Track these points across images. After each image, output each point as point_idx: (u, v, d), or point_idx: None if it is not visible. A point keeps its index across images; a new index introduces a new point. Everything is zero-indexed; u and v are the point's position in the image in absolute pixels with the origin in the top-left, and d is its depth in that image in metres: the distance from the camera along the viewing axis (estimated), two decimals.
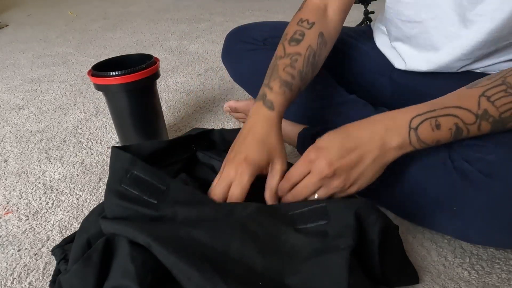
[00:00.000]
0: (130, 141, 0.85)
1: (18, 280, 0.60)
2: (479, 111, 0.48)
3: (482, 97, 0.48)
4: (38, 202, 0.78)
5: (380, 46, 0.82)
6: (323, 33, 0.67)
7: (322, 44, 0.66)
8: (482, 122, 0.48)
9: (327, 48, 0.69)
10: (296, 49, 0.64)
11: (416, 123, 0.49)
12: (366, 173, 0.51)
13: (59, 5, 3.10)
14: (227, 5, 2.72)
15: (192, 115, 1.12)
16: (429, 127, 0.49)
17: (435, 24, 0.66)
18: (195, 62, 1.58)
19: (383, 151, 0.50)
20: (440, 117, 0.49)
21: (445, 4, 0.63)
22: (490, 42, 0.62)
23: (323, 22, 0.68)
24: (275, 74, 0.62)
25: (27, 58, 1.79)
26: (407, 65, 0.75)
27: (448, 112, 0.49)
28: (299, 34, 0.65)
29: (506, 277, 0.55)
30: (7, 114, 1.21)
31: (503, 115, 0.48)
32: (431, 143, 0.50)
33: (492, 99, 0.48)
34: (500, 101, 0.48)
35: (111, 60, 0.85)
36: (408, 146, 0.50)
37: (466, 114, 0.48)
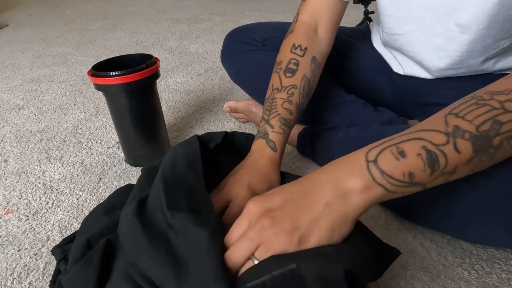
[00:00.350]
0: (130, 141, 0.85)
1: (18, 280, 0.60)
2: (448, 128, 0.40)
3: (448, 116, 0.41)
4: (38, 202, 0.78)
5: (378, 48, 0.82)
6: (315, 57, 0.69)
7: (315, 68, 0.69)
8: (458, 141, 0.39)
9: (321, 68, 0.71)
10: (292, 81, 0.66)
11: (373, 154, 0.41)
12: (321, 222, 0.40)
13: (59, 5, 3.10)
14: (227, 5, 2.72)
15: (192, 115, 1.12)
16: (391, 156, 0.40)
17: (418, 36, 0.68)
18: (195, 62, 1.58)
19: (340, 195, 0.40)
20: (401, 143, 0.40)
21: (427, 16, 0.64)
22: (476, 52, 0.62)
23: (315, 45, 0.69)
24: (274, 111, 0.64)
25: (27, 58, 1.79)
26: (405, 71, 0.76)
27: (411, 137, 0.41)
28: (294, 64, 0.67)
29: (506, 277, 0.55)
30: (7, 114, 1.21)
31: (481, 128, 0.39)
32: (402, 179, 0.40)
33: (461, 114, 0.41)
34: (472, 114, 0.40)
35: (111, 60, 0.85)
36: (374, 187, 0.40)
37: (433, 135, 0.40)
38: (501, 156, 0.41)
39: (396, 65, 0.78)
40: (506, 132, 0.39)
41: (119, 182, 0.83)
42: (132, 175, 0.85)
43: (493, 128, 0.39)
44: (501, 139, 0.39)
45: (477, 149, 0.40)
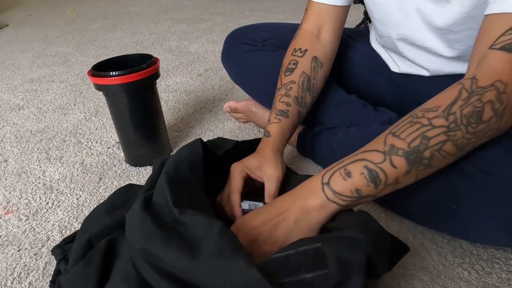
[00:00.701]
0: (130, 141, 0.85)
1: (18, 280, 0.60)
2: (385, 148, 0.47)
3: (388, 136, 0.48)
4: (38, 202, 0.78)
5: (375, 47, 0.83)
6: (316, 57, 0.72)
7: (317, 67, 0.71)
8: (393, 158, 0.46)
9: (325, 68, 0.73)
10: (290, 77, 0.70)
11: (327, 177, 0.49)
12: (293, 235, 0.49)
13: (59, 5, 3.10)
14: (227, 5, 2.72)
15: (192, 115, 1.12)
16: (340, 178, 0.48)
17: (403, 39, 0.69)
18: (195, 62, 1.58)
19: (304, 212, 0.49)
20: (348, 165, 0.48)
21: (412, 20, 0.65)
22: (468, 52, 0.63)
23: (316, 46, 0.72)
24: (273, 107, 0.69)
25: (27, 58, 1.79)
26: (400, 69, 0.76)
27: (356, 158, 0.49)
28: (293, 63, 0.71)
29: (506, 277, 0.55)
30: (7, 114, 1.21)
31: (412, 144, 0.46)
32: (351, 195, 0.48)
33: (397, 133, 0.47)
34: (405, 132, 0.47)
35: (111, 60, 0.85)
36: (329, 204, 0.49)
37: (373, 155, 0.48)
38: (439, 164, 0.48)
39: (392, 64, 0.78)
40: (435, 145, 0.46)
41: (119, 182, 0.83)
42: (132, 175, 0.85)
43: (422, 143, 0.46)
44: (431, 152, 0.46)
45: (411, 163, 0.46)
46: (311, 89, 0.71)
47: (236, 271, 0.40)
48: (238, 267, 0.40)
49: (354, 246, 0.42)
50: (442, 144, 0.46)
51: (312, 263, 0.42)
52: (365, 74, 0.84)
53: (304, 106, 0.70)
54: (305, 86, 0.70)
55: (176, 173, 0.53)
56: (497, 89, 0.45)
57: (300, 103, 0.69)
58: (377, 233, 0.47)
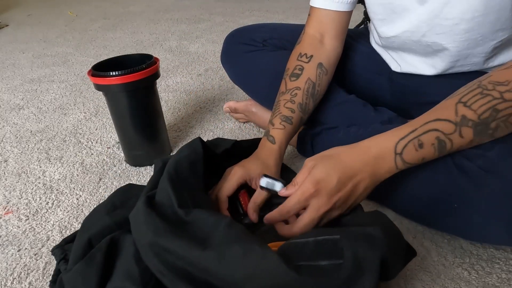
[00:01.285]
0: (130, 141, 0.85)
1: (18, 280, 0.60)
2: (457, 118, 0.49)
3: (458, 104, 0.49)
4: (38, 202, 0.78)
5: (376, 47, 0.82)
6: (322, 64, 0.72)
7: (322, 74, 0.72)
8: (463, 129, 0.49)
9: (329, 75, 0.74)
10: (296, 83, 0.70)
11: (400, 147, 0.50)
12: (358, 199, 0.53)
13: (59, 5, 3.10)
14: (227, 5, 2.72)
15: (192, 115, 1.12)
16: (413, 149, 0.50)
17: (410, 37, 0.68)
18: (195, 62, 1.58)
19: (374, 178, 0.52)
20: (421, 135, 0.50)
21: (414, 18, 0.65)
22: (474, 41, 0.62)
23: (321, 53, 0.73)
24: (277, 111, 0.69)
25: (27, 58, 1.79)
26: (402, 68, 0.76)
27: (429, 128, 0.50)
28: (299, 69, 0.71)
29: (506, 277, 0.55)
30: (7, 114, 1.21)
31: (482, 116, 0.48)
32: (417, 162, 0.51)
33: (468, 104, 0.49)
34: (476, 103, 0.48)
35: (111, 60, 0.85)
36: (395, 170, 0.52)
37: (445, 125, 0.49)
38: (501, 134, 0.50)
39: (393, 63, 0.78)
40: (502, 117, 0.48)
41: (119, 182, 0.83)
42: (132, 175, 0.85)
43: (492, 115, 0.48)
44: (498, 123, 0.48)
45: (477, 133, 0.49)
46: (315, 96, 0.72)
47: (252, 255, 0.41)
48: (253, 250, 0.41)
49: (372, 244, 0.43)
50: (509, 116, 0.48)
51: (329, 252, 0.43)
52: (365, 74, 0.84)
53: (306, 113, 0.71)
54: (309, 93, 0.70)
55: (177, 172, 0.53)
56: None
57: (303, 110, 0.70)
58: (395, 236, 0.48)
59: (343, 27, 0.74)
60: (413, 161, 0.51)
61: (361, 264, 0.41)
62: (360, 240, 0.43)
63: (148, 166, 0.88)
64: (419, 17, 0.64)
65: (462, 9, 0.59)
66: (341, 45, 0.76)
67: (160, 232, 0.45)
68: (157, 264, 0.44)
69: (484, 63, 0.66)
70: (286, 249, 0.45)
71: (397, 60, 0.77)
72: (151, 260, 0.45)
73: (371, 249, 0.42)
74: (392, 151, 0.51)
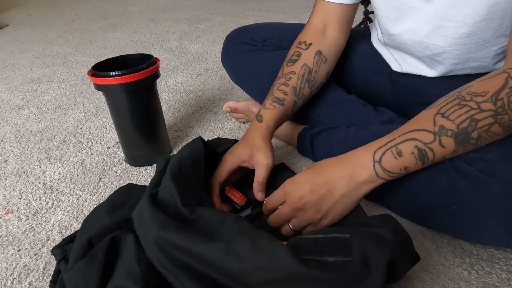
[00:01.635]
0: (130, 141, 0.85)
1: (18, 280, 0.60)
2: (435, 128, 0.49)
3: (437, 115, 0.50)
4: (38, 202, 0.78)
5: (377, 46, 0.82)
6: (321, 52, 0.72)
7: (320, 61, 0.72)
8: (442, 138, 0.49)
9: (329, 64, 0.74)
10: (291, 68, 0.72)
11: (379, 155, 0.51)
12: (337, 206, 0.54)
13: (59, 5, 3.10)
14: (227, 5, 2.72)
15: (192, 115, 1.12)
16: (392, 157, 0.51)
17: (412, 36, 0.68)
18: (195, 62, 1.58)
19: (352, 187, 0.52)
20: (400, 144, 0.50)
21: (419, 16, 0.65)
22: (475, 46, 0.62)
23: (321, 42, 0.73)
24: (270, 94, 0.71)
25: (27, 58, 1.79)
26: (402, 68, 0.76)
27: (407, 138, 0.50)
28: (296, 55, 0.73)
29: (506, 277, 0.55)
30: (7, 114, 1.21)
31: (461, 126, 0.48)
32: (399, 171, 0.52)
33: (446, 114, 0.49)
34: (454, 114, 0.49)
35: (111, 60, 0.85)
36: (377, 179, 0.52)
37: (423, 135, 0.50)
38: (485, 142, 0.51)
39: (394, 63, 0.78)
40: (483, 127, 0.48)
41: (119, 182, 0.83)
42: (132, 175, 0.85)
43: (471, 125, 0.48)
44: (479, 133, 0.49)
45: (459, 142, 0.49)
46: (311, 82, 0.72)
47: (261, 247, 0.42)
48: (262, 243, 0.42)
49: (381, 245, 0.43)
50: (490, 126, 0.48)
51: (337, 249, 0.44)
52: (365, 74, 0.84)
53: (300, 98, 0.71)
54: (305, 78, 0.71)
55: (180, 171, 0.54)
56: None
57: (297, 94, 0.70)
58: (404, 240, 0.48)
59: (347, 20, 0.75)
60: (394, 169, 0.51)
61: (368, 263, 0.42)
62: (369, 240, 0.44)
63: (148, 166, 0.88)
64: (424, 17, 0.64)
65: (466, 12, 0.59)
66: (344, 38, 0.76)
67: (166, 226, 0.46)
68: (162, 259, 0.44)
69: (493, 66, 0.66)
70: (295, 243, 0.46)
71: (398, 60, 0.77)
72: (156, 255, 0.45)
73: (379, 249, 0.43)
74: (370, 159, 0.51)
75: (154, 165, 0.84)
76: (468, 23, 0.60)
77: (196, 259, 0.44)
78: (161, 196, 0.51)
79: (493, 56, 0.64)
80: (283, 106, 0.69)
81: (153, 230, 0.46)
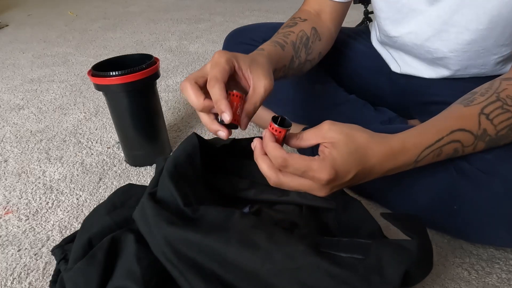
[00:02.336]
0: (130, 141, 0.85)
1: (18, 280, 0.60)
2: (479, 131, 0.48)
3: (481, 115, 0.49)
4: (38, 202, 0.78)
5: (377, 47, 0.82)
6: (316, 28, 0.69)
7: (315, 36, 0.68)
8: (479, 143, 0.49)
9: (322, 43, 0.70)
10: (289, 29, 0.67)
11: (423, 156, 0.48)
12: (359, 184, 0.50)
13: (59, 5, 3.10)
14: (227, 5, 2.72)
15: (192, 115, 1.12)
16: (431, 157, 0.49)
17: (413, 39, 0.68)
18: (195, 62, 1.58)
19: (389, 173, 0.49)
20: (444, 146, 0.48)
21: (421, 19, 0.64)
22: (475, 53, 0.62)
23: (316, 21, 0.70)
24: (269, 41, 0.63)
25: (27, 58, 1.79)
26: (402, 69, 0.76)
27: (453, 138, 0.48)
28: (293, 23, 0.69)
29: (506, 277, 0.55)
30: (7, 114, 1.21)
31: (500, 133, 0.48)
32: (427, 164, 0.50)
33: (491, 117, 0.48)
34: (498, 118, 0.48)
35: (111, 60, 0.85)
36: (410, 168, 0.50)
37: (467, 137, 0.49)
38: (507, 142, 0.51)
39: (393, 64, 0.78)
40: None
41: (119, 182, 0.83)
42: (132, 175, 0.85)
43: (507, 134, 0.49)
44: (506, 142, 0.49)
45: (487, 146, 0.50)
46: (308, 49, 0.67)
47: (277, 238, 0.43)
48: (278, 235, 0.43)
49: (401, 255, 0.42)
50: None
51: (354, 247, 0.44)
52: (365, 74, 0.84)
53: (297, 58, 0.64)
54: (303, 41, 0.66)
55: (176, 168, 0.53)
56: None
57: (295, 51, 0.64)
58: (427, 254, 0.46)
59: (340, 15, 0.74)
60: (422, 164, 0.50)
61: (383, 269, 0.41)
62: (390, 247, 0.43)
63: (148, 166, 0.88)
64: (426, 20, 0.63)
65: (469, 19, 0.59)
66: (336, 31, 0.75)
67: (173, 222, 0.46)
68: (168, 253, 0.45)
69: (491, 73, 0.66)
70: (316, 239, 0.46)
71: (397, 60, 0.77)
72: (162, 250, 0.45)
73: (398, 259, 0.42)
74: (415, 157, 0.48)
75: (154, 165, 0.84)
76: (470, 29, 0.59)
77: (203, 254, 0.44)
78: (160, 195, 0.51)
79: (493, 64, 0.64)
80: (283, 51, 0.61)
81: (161, 226, 0.46)
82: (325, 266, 0.41)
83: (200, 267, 0.44)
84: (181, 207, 0.48)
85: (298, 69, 0.67)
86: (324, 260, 0.41)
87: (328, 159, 0.44)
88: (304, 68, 0.68)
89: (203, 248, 0.44)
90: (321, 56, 0.72)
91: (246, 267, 0.43)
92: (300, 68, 0.67)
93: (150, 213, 0.48)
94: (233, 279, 0.43)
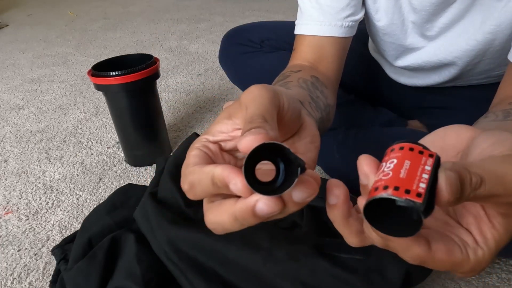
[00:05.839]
0: (130, 141, 0.85)
1: (18, 280, 0.60)
2: None
3: None
4: (38, 202, 0.78)
5: (374, 56, 0.82)
6: (317, 77, 0.51)
7: (319, 82, 0.50)
8: None
9: (329, 91, 0.51)
10: (284, 81, 0.49)
11: None
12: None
13: (59, 5, 3.10)
14: (227, 5, 2.72)
15: (192, 115, 1.12)
16: None
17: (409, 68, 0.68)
18: (195, 62, 1.58)
19: None
20: None
21: (419, 55, 0.65)
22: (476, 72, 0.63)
23: (314, 71, 0.53)
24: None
25: (27, 58, 1.79)
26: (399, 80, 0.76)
27: None
28: (283, 77, 0.50)
29: (506, 277, 0.55)
30: (7, 114, 1.21)
31: None
32: None
33: None
34: None
35: (111, 60, 0.85)
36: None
37: None
38: None
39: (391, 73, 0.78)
40: None
41: (119, 182, 0.83)
42: (132, 175, 0.85)
43: None
44: None
45: None
46: (320, 92, 0.49)
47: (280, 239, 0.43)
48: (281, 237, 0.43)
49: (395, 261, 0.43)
50: None
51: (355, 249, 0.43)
52: (364, 75, 0.84)
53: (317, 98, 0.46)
54: (308, 85, 0.47)
55: (177, 168, 0.54)
56: None
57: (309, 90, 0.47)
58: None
59: (342, 58, 0.59)
60: None
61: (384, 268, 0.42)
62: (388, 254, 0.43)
63: (148, 166, 0.88)
64: (428, 54, 0.65)
65: (457, 55, 0.60)
66: (337, 89, 0.58)
67: (176, 221, 0.46)
68: (169, 253, 0.45)
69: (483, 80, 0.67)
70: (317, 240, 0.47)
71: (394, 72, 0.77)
72: (164, 249, 0.45)
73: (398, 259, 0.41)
74: None
75: (154, 165, 0.84)
76: (459, 65, 0.61)
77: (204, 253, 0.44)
78: (161, 196, 0.51)
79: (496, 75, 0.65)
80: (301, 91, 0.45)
81: (162, 225, 0.46)
82: (327, 267, 0.41)
83: (201, 266, 0.44)
84: (183, 207, 0.48)
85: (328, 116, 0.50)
86: (325, 260, 0.42)
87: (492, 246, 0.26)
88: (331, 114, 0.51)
89: (204, 247, 0.44)
90: (329, 106, 0.49)
91: (247, 266, 0.43)
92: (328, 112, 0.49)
93: (152, 212, 0.48)
94: (234, 279, 0.43)
